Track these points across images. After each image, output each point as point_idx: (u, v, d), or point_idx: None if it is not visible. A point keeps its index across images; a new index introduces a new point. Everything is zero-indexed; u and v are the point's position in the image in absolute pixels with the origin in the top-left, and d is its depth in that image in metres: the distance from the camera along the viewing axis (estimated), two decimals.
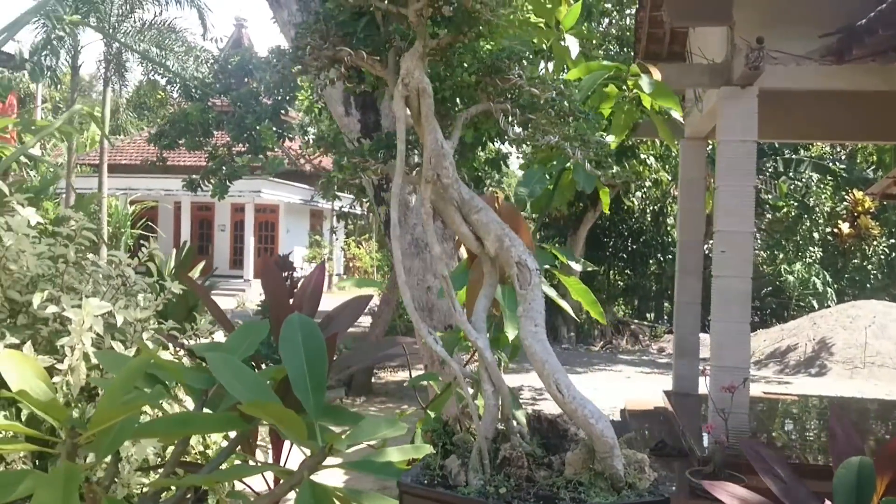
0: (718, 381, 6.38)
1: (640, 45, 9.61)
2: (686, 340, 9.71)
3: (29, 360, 2.05)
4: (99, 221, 16.32)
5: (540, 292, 1.64)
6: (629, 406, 10.16)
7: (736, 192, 6.49)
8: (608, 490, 1.54)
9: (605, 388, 12.86)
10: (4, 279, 3.03)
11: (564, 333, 18.31)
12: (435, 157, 1.64)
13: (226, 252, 28.68)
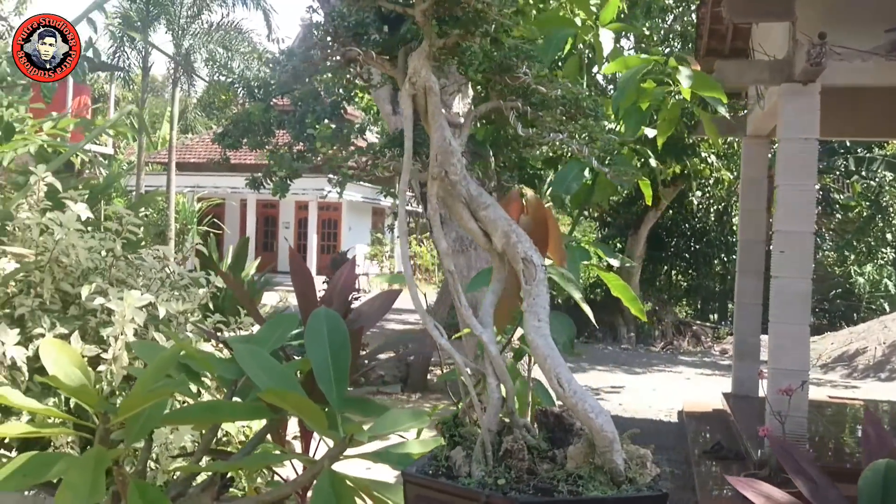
0: (776, 383, 6.26)
1: (702, 41, 9.47)
2: (746, 342, 9.55)
3: (67, 349, 2.15)
4: (167, 218, 16.82)
5: (545, 288, 1.66)
6: (687, 408, 10.03)
7: (797, 191, 6.36)
8: (607, 484, 1.56)
9: (663, 388, 12.70)
10: (57, 272, 3.18)
11: (624, 334, 18.13)
12: (442, 154, 1.67)
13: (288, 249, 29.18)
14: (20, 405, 2.03)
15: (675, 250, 20.49)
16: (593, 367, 14.95)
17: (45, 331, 2.93)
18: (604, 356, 16.43)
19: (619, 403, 11.66)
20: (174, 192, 17.58)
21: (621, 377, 13.93)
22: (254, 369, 2.13)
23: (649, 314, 18.74)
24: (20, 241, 3.26)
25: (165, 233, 16.16)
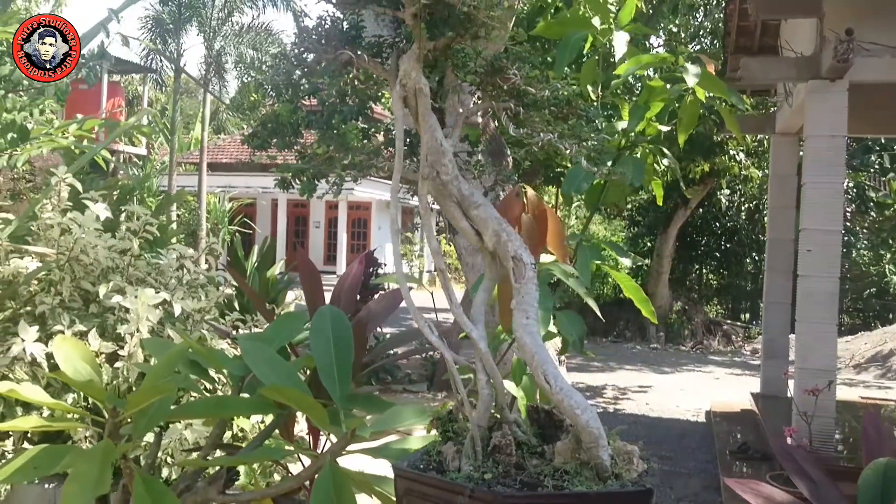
0: (802, 383, 6.21)
1: (730, 38, 9.39)
2: (775, 341, 9.47)
3: (79, 345, 2.22)
4: (198, 218, 17.04)
5: (534, 286, 1.68)
6: (714, 407, 9.96)
7: (824, 188, 6.30)
8: (593, 479, 1.58)
9: (692, 388, 12.61)
10: (77, 270, 3.26)
11: (653, 333, 18.01)
12: (433, 154, 1.70)
13: (320, 248, 29.42)
14: (31, 399, 2.10)
15: (706, 249, 20.29)
16: (621, 367, 14.87)
17: (65, 328, 3.02)
18: (632, 355, 16.34)
19: (645, 403, 11.60)
20: (205, 192, 17.80)
21: (649, 377, 13.84)
22: (259, 365, 2.17)
23: (679, 313, 18.59)
24: (43, 241, 3.35)
25: (197, 232, 16.37)
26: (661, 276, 18.13)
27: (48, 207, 3.41)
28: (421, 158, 1.72)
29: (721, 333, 18.52)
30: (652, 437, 9.33)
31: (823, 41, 6.22)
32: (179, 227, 17.05)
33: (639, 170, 3.47)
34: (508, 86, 1.71)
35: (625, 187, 3.76)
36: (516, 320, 1.67)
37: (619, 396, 12.14)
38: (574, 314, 3.25)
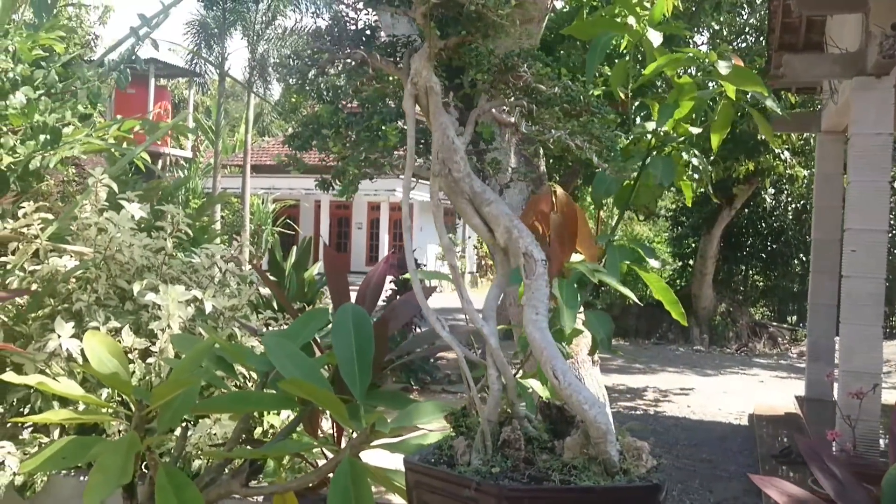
0: (846, 386, 6.11)
1: (774, 35, 9.25)
2: (820, 344, 9.32)
3: (108, 341, 2.29)
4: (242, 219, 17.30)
5: (544, 282, 1.69)
6: (758, 411, 9.82)
7: (869, 188, 6.19)
8: (601, 474, 1.58)
9: (735, 391, 12.43)
10: (113, 269, 3.35)
11: (697, 335, 17.78)
12: (445, 151, 1.72)
13: (363, 249, 29.65)
14: (60, 392, 2.17)
15: (751, 250, 19.96)
16: (664, 369, 14.72)
17: (100, 324, 3.10)
18: (675, 357, 16.17)
19: (687, 405, 11.47)
20: (249, 193, 18.06)
21: (692, 379, 13.68)
22: (281, 361, 2.21)
23: (723, 315, 18.33)
24: (82, 240, 3.45)
25: (240, 233, 16.62)
26: (704, 277, 17.89)
27: (87, 208, 3.51)
28: (432, 156, 1.74)
29: (767, 335, 18.21)
30: (692, 440, 9.23)
31: (868, 37, 6.10)
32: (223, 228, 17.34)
33: (668, 170, 3.44)
34: (521, 83, 1.72)
35: (655, 188, 3.73)
36: (526, 316, 1.68)
37: (660, 399, 12.02)
38: (602, 313, 3.23)
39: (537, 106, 1.75)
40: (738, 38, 14.69)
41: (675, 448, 9.05)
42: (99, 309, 3.19)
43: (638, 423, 10.18)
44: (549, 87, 1.71)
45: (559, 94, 1.72)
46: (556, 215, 2.48)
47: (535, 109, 1.74)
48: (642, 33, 3.81)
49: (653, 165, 3.48)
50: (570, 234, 2.52)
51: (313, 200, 28.10)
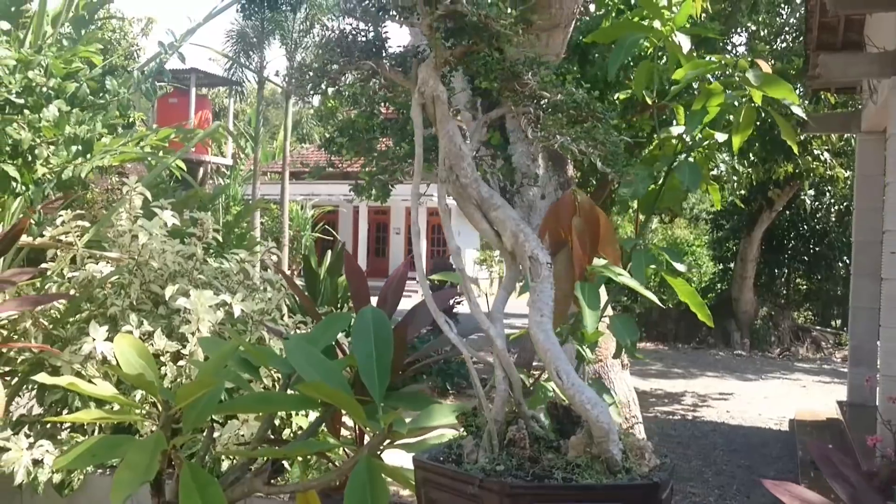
0: (887, 391, 6.02)
1: (812, 34, 9.14)
2: (862, 348, 9.18)
3: (136, 344, 2.38)
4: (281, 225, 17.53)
5: (549, 285, 1.73)
6: (798, 416, 9.69)
7: None
8: (603, 473, 1.61)
9: (776, 396, 12.26)
10: (147, 274, 3.46)
11: (738, 339, 17.55)
12: (453, 158, 1.77)
13: (400, 254, 29.80)
14: (89, 392, 2.26)
15: (793, 252, 19.64)
16: (703, 374, 14.57)
17: (133, 328, 3.21)
18: (715, 362, 15.98)
19: (726, 410, 11.35)
20: (287, 199, 18.28)
21: (732, 384, 13.52)
22: (301, 364, 2.28)
23: (765, 319, 18.07)
24: (118, 247, 3.57)
25: (280, 239, 16.84)
26: (745, 280, 17.66)
27: (123, 215, 3.63)
28: (440, 162, 1.79)
29: (810, 340, 17.90)
30: (730, 446, 9.14)
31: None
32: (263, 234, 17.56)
33: (695, 175, 3.43)
34: (527, 91, 1.76)
35: (680, 192, 3.72)
36: (531, 318, 1.72)
37: (699, 403, 11.91)
38: (627, 318, 3.25)
39: (544, 112, 1.79)
40: (776, 38, 14.49)
41: (712, 453, 8.97)
42: (132, 313, 3.29)
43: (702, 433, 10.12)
44: (553, 94, 1.75)
45: (565, 101, 1.76)
46: (578, 219, 2.53)
47: (541, 116, 1.78)
48: (667, 36, 3.82)
49: (679, 170, 3.47)
50: (591, 238, 2.57)
51: (352, 206, 28.34)
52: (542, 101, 1.77)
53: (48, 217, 3.70)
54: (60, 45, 4.23)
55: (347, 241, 28.80)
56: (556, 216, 2.56)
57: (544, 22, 4.70)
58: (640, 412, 5.06)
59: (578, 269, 2.54)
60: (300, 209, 21.66)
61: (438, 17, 1.66)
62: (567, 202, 2.58)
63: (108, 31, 15.24)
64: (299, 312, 4.22)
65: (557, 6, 4.64)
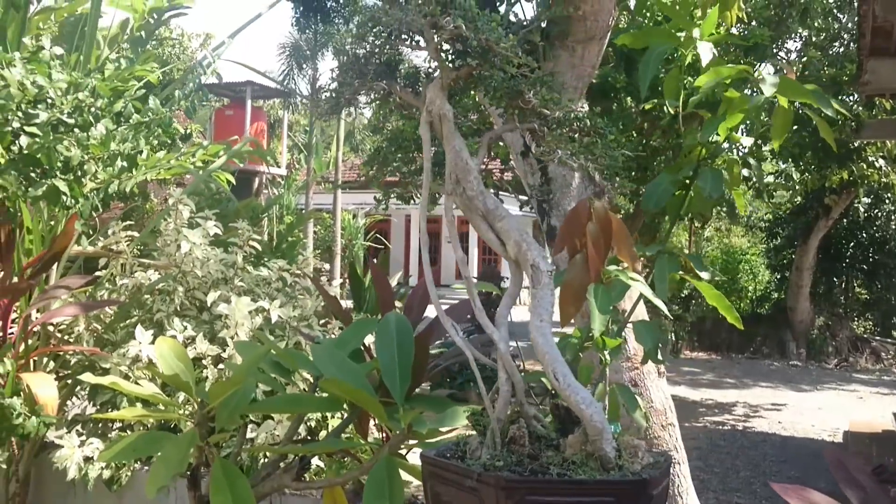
0: None
1: (865, 39, 9.02)
2: None
3: (176, 347, 2.54)
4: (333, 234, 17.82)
5: (549, 292, 1.83)
6: (853, 427, 9.52)
7: None
8: (597, 469, 1.70)
9: (831, 407, 12.04)
10: (192, 281, 3.65)
11: (793, 349, 17.24)
12: (460, 172, 1.89)
13: (452, 262, 29.96)
14: (129, 391, 2.44)
15: (851, 261, 19.20)
16: (756, 384, 14.37)
17: (177, 333, 3.39)
18: (769, 372, 15.73)
19: (778, 421, 11.20)
20: (340, 209, 18.58)
21: (785, 394, 13.31)
22: (326, 366, 2.41)
23: (821, 329, 17.72)
24: (165, 255, 3.77)
25: (332, 248, 17.14)
26: (801, 289, 17.33)
27: (169, 226, 3.83)
28: (446, 176, 1.90)
29: (869, 350, 17.48)
30: (780, 457, 9.03)
31: None
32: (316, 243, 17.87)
33: (717, 182, 3.48)
34: (529, 108, 1.87)
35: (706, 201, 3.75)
36: (531, 322, 1.82)
37: (750, 414, 11.76)
38: (650, 323, 3.31)
39: (548, 129, 1.89)
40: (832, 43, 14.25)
41: (762, 464, 8.88)
42: (177, 318, 3.48)
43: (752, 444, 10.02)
44: (552, 111, 1.85)
45: (567, 117, 1.86)
46: (592, 225, 2.66)
47: (546, 131, 1.89)
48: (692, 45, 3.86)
49: (701, 177, 3.53)
50: (606, 243, 2.70)
51: (403, 215, 28.62)
52: (545, 117, 1.87)
53: (104, 227, 3.93)
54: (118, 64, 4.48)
55: (400, 249, 29.10)
56: (572, 223, 2.68)
57: (579, 35, 4.80)
58: (676, 419, 5.08)
59: (593, 273, 2.66)
60: (352, 218, 21.99)
61: (444, 40, 1.78)
62: (582, 209, 2.72)
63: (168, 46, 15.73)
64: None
65: (592, 19, 4.73)
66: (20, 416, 2.95)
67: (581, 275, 2.76)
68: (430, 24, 1.76)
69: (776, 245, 19.93)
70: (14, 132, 2.52)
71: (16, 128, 2.51)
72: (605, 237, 2.70)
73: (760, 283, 20.46)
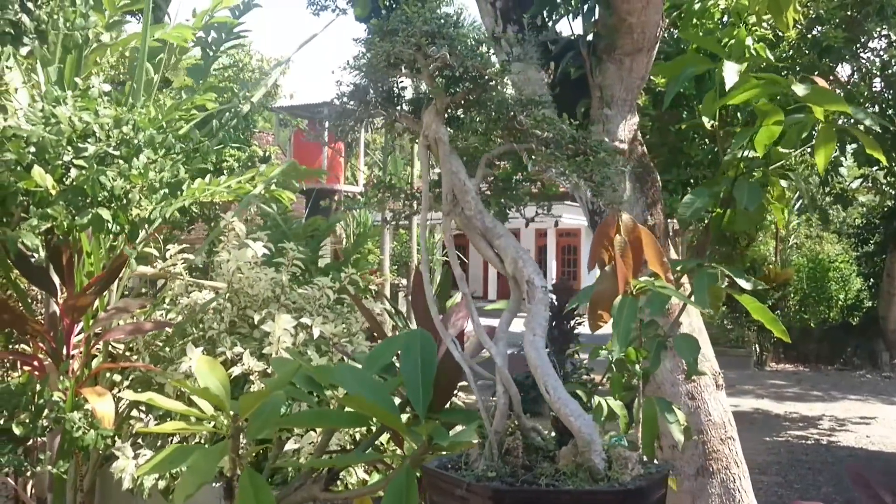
0: None
1: None
2: None
3: (213, 364, 2.69)
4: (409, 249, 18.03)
5: (543, 307, 1.88)
6: None
7: None
8: (586, 480, 1.74)
9: None
10: (244, 300, 3.83)
11: (886, 360, 16.53)
12: (458, 192, 1.96)
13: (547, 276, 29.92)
14: (165, 406, 2.59)
15: None
16: (844, 397, 13.85)
17: (227, 349, 3.57)
18: (859, 384, 15.14)
19: (865, 436, 10.78)
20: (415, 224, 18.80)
21: (876, 407, 12.79)
22: (349, 381, 2.51)
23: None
24: (219, 276, 3.97)
25: (408, 263, 17.34)
26: (893, 297, 16.63)
27: (224, 246, 4.03)
28: (443, 196, 1.98)
29: None
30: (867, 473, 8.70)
31: None
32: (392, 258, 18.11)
33: (754, 195, 3.46)
34: (523, 129, 1.93)
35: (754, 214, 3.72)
36: (525, 336, 1.88)
37: (836, 428, 11.35)
38: (690, 336, 3.29)
39: (546, 147, 1.95)
40: None
41: (845, 480, 8.57)
42: (227, 336, 3.66)
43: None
44: (544, 131, 1.91)
45: (563, 137, 1.92)
46: (620, 237, 2.73)
47: (543, 150, 1.94)
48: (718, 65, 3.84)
49: (737, 191, 3.51)
50: (635, 254, 2.77)
51: None
52: (538, 137, 1.93)
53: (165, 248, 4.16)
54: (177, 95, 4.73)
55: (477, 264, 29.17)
56: (602, 235, 2.76)
57: (627, 47, 4.81)
58: (736, 433, 5.00)
59: (622, 284, 2.72)
60: (428, 234, 22.20)
61: (436, 68, 1.86)
62: (611, 222, 2.80)
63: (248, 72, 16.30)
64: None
65: (639, 31, 4.74)
66: (80, 429, 3.16)
67: (610, 286, 2.81)
68: (418, 53, 1.85)
69: (867, 251, 19.19)
70: (64, 165, 2.74)
71: (66, 161, 2.73)
72: (635, 249, 2.77)
73: (851, 292, 19.69)
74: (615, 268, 2.76)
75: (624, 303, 2.71)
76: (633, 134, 4.98)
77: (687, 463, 4.94)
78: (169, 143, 2.95)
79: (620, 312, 2.66)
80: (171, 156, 3.02)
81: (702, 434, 4.88)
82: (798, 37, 9.75)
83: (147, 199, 2.85)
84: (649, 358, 3.16)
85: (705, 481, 4.90)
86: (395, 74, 1.97)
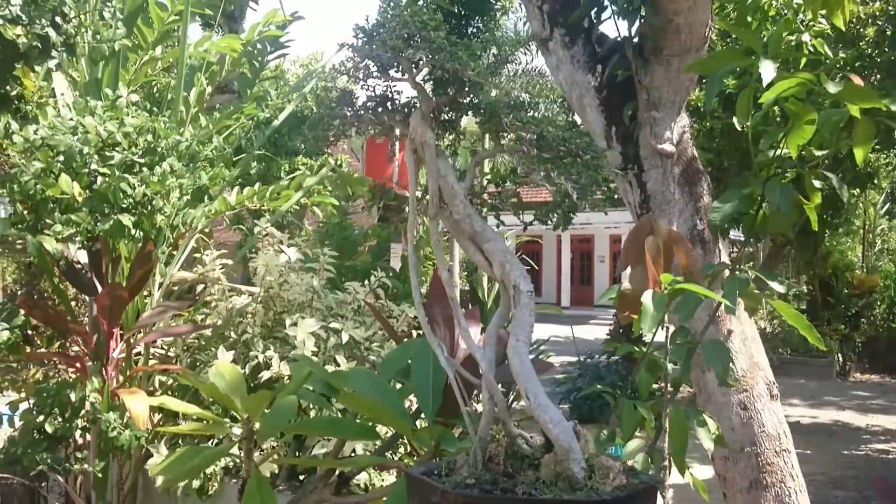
0: None
1: None
2: None
3: (231, 369, 2.74)
4: None
5: (528, 312, 1.84)
6: None
7: None
8: (565, 489, 1.69)
9: None
10: (279, 304, 3.89)
11: None
12: (446, 195, 1.95)
13: (605, 282, 29.46)
14: (178, 409, 2.65)
15: None
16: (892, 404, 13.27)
17: (259, 353, 3.63)
18: None
19: None
20: None
21: None
22: (362, 385, 2.53)
23: None
24: (257, 281, 4.05)
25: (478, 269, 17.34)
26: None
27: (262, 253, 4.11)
28: (429, 199, 1.97)
29: None
30: None
31: None
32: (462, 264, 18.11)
33: (786, 196, 3.32)
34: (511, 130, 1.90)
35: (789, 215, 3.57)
36: (509, 342, 1.85)
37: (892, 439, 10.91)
38: (720, 344, 3.20)
39: (538, 149, 1.92)
40: None
41: None
42: (259, 340, 3.72)
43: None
44: (529, 132, 1.88)
45: (554, 137, 1.88)
46: (651, 238, 2.74)
47: (535, 152, 1.91)
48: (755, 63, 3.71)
49: (769, 191, 3.38)
50: (666, 256, 2.80)
51: (555, 235, 28.49)
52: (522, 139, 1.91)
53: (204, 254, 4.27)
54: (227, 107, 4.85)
55: (551, 270, 28.92)
56: (634, 238, 2.85)
57: (675, 48, 4.70)
58: (792, 445, 4.82)
59: (651, 282, 2.74)
60: None
61: (418, 71, 1.85)
62: (644, 226, 2.84)
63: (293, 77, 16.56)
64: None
65: (687, 31, 4.62)
66: (114, 429, 3.26)
67: (640, 283, 2.84)
68: (397, 57, 1.84)
69: None
70: (90, 173, 2.84)
71: (93, 169, 2.83)
72: (666, 251, 2.79)
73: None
74: (645, 267, 2.81)
75: (654, 295, 2.70)
76: (681, 136, 4.86)
77: (740, 475, 4.79)
78: (192, 151, 3.03)
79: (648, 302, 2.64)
80: (201, 164, 3.09)
81: (755, 446, 4.72)
82: (876, 34, 9.37)
83: (169, 205, 2.93)
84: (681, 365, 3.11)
85: (759, 494, 4.74)
86: (381, 78, 1.97)
